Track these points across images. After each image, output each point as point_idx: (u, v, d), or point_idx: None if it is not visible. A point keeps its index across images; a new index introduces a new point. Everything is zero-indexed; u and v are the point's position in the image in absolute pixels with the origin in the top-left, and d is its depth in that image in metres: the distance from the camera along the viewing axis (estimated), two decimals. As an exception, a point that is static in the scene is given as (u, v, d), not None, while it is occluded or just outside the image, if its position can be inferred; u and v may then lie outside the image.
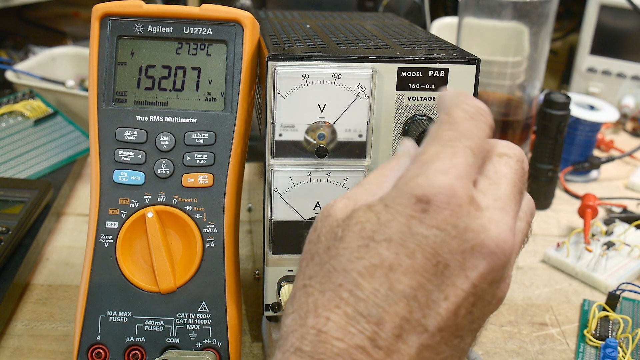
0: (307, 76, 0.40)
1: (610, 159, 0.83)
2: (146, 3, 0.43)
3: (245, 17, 0.43)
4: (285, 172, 0.42)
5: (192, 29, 0.44)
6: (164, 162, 0.43)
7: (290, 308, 0.31)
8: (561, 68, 1.16)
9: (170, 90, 0.44)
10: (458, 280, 0.29)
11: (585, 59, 1.01)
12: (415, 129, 0.41)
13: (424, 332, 0.29)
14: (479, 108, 0.33)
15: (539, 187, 0.74)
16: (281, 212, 0.43)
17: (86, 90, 0.84)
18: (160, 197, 0.44)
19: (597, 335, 0.52)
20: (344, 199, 0.33)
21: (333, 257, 0.31)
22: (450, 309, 0.29)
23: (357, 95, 0.41)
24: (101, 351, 0.43)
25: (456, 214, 0.30)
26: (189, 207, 0.44)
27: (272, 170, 0.42)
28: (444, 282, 0.29)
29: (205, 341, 0.44)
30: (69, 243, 0.64)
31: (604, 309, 0.55)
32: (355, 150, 0.42)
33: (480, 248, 0.30)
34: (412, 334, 0.29)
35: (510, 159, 0.34)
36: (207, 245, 0.44)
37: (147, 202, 0.44)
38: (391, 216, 0.30)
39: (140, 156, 0.43)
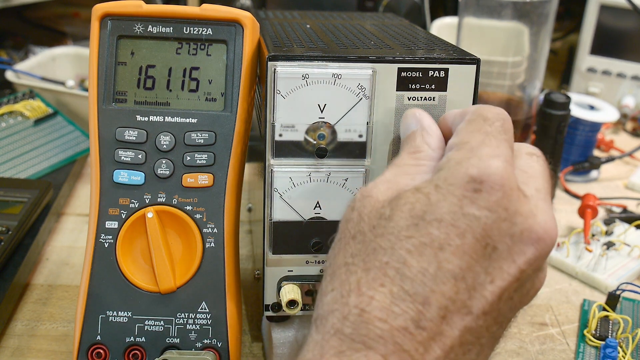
0: (307, 76, 0.40)
1: (610, 159, 0.83)
2: (146, 3, 0.44)
3: (245, 17, 0.43)
4: (285, 172, 0.42)
5: (192, 29, 0.44)
6: (164, 162, 0.43)
7: (329, 286, 0.31)
8: (561, 68, 1.16)
9: (170, 90, 0.44)
10: (505, 263, 0.30)
11: (585, 59, 1.01)
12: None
13: (469, 314, 0.29)
14: (503, 112, 0.34)
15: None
16: (281, 212, 0.43)
17: (86, 90, 0.84)
18: (160, 197, 0.44)
19: (597, 335, 0.52)
20: (384, 182, 0.33)
21: (379, 235, 0.30)
22: (495, 292, 0.29)
23: (357, 96, 0.41)
24: (101, 351, 0.43)
25: (507, 197, 0.30)
26: (189, 207, 0.44)
27: (272, 170, 0.42)
28: (491, 265, 0.29)
29: (205, 341, 0.44)
30: (69, 243, 0.64)
31: (604, 309, 0.55)
32: (355, 150, 0.42)
33: (529, 233, 0.30)
34: (456, 316, 0.28)
35: (539, 157, 0.34)
36: (207, 245, 0.44)
37: (147, 202, 0.44)
38: (442, 196, 0.30)
39: (140, 156, 0.43)
